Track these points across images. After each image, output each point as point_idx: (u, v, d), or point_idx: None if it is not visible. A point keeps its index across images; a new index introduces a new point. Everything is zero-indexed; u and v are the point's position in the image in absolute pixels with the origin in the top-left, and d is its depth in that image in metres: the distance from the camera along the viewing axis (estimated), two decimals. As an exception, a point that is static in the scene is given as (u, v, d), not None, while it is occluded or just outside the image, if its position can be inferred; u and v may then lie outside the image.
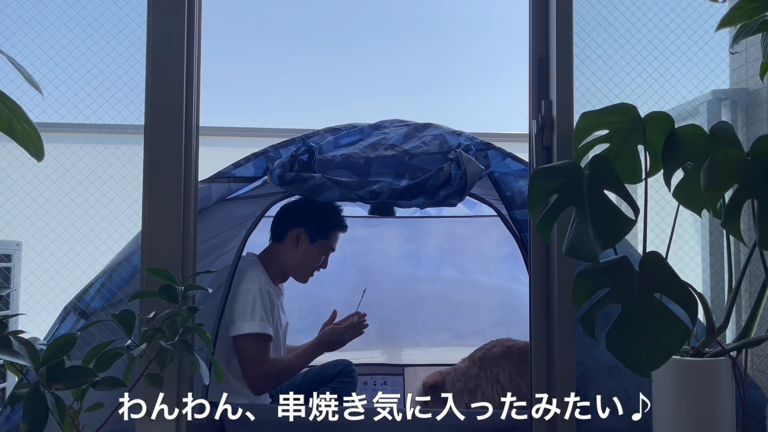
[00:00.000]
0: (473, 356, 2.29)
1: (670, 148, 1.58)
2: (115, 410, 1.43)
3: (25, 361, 1.19)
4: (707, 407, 1.50)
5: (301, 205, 2.37)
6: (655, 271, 1.40)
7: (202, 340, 1.48)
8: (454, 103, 3.49)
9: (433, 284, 3.13)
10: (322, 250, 2.38)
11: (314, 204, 2.30)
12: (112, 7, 1.86)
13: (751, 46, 2.06)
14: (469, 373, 2.25)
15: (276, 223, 2.41)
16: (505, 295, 3.08)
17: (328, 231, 2.38)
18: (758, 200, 1.39)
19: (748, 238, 1.63)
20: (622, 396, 1.81)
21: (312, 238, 2.35)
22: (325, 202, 2.26)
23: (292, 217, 2.37)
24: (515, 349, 2.25)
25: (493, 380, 2.22)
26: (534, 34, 1.82)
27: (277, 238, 2.39)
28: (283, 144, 2.18)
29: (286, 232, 2.36)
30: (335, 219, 2.39)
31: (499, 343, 2.30)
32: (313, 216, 2.35)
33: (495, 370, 2.23)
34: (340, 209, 2.42)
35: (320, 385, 2.43)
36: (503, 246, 3.04)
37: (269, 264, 2.36)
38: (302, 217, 2.36)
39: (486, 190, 2.27)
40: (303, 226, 2.34)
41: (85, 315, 1.83)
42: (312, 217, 2.35)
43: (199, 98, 1.77)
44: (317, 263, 2.40)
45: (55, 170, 1.89)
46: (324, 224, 2.37)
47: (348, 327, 2.32)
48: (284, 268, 2.39)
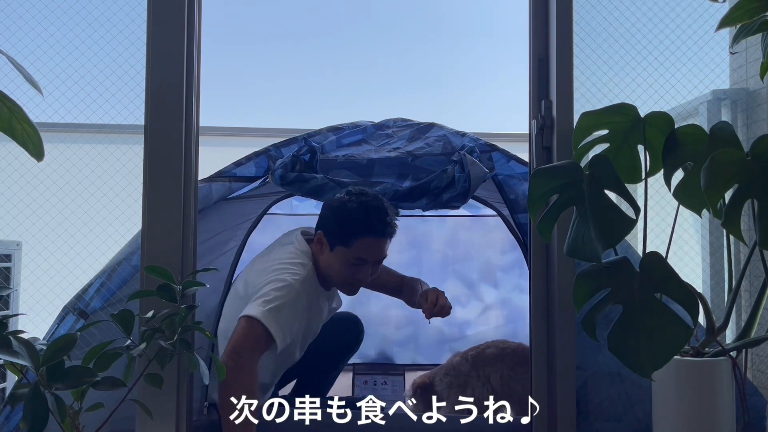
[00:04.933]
0: (467, 353, 2.27)
1: (670, 148, 1.58)
2: (115, 410, 1.43)
3: (25, 361, 1.19)
4: (707, 407, 1.49)
5: (328, 208, 2.03)
6: (656, 271, 1.40)
7: (206, 336, 1.48)
8: (454, 103, 3.49)
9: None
10: (345, 259, 1.98)
11: (339, 206, 1.98)
12: (112, 7, 1.86)
13: (751, 46, 2.06)
14: (460, 369, 2.24)
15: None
16: (511, 307, 3.03)
17: (349, 237, 1.96)
18: (758, 200, 1.39)
19: (748, 238, 1.63)
20: (625, 402, 1.82)
21: (331, 245, 1.99)
22: (357, 204, 1.95)
23: (321, 216, 2.05)
24: (509, 351, 2.24)
25: (484, 380, 2.20)
26: (534, 34, 1.82)
27: (312, 238, 2.08)
28: (285, 143, 2.17)
29: (315, 233, 2.05)
30: (363, 222, 1.94)
31: (493, 344, 2.28)
32: (333, 217, 1.99)
33: (487, 371, 2.21)
34: (378, 207, 1.96)
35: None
36: (508, 253, 3.00)
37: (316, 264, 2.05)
38: (324, 217, 2.03)
39: (490, 193, 2.27)
40: (324, 229, 2.01)
41: (85, 315, 1.83)
42: (333, 218, 1.99)
43: (199, 98, 1.77)
44: (346, 274, 2.00)
45: (55, 170, 1.89)
46: (344, 228, 1.96)
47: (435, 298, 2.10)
48: (321, 272, 2.04)
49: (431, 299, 2.10)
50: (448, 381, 2.23)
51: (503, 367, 2.20)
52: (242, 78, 3.44)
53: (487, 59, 3.47)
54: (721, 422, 1.49)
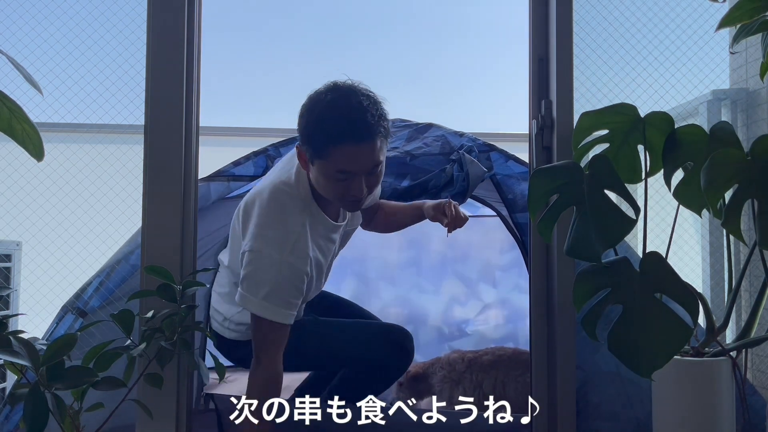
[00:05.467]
0: (465, 354, 2.31)
1: (670, 148, 1.58)
2: (115, 410, 1.43)
3: (25, 361, 1.19)
4: (707, 407, 1.49)
5: (302, 110, 1.65)
6: (656, 271, 1.40)
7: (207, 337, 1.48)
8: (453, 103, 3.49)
9: (435, 297, 3.05)
10: (328, 173, 1.61)
11: (310, 107, 1.62)
12: (112, 7, 1.86)
13: (751, 46, 2.06)
14: (455, 366, 2.27)
15: None
16: (510, 307, 3.03)
17: (322, 147, 1.58)
18: (758, 200, 1.39)
19: (748, 238, 1.63)
20: (624, 401, 1.82)
21: (311, 158, 1.63)
22: (324, 105, 1.59)
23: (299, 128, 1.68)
24: (505, 358, 2.27)
25: (477, 384, 2.24)
26: (534, 34, 1.82)
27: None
28: (284, 143, 2.17)
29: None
30: (333, 127, 1.57)
31: (490, 351, 2.32)
32: (303, 124, 1.63)
33: (481, 377, 2.24)
34: (349, 106, 1.57)
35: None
36: (506, 252, 3.00)
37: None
38: (299, 125, 1.66)
39: (488, 192, 2.27)
40: (300, 139, 1.66)
41: (83, 314, 1.83)
42: (303, 125, 1.63)
43: (199, 98, 1.77)
44: (335, 191, 1.64)
45: (55, 170, 1.89)
46: (313, 137, 1.59)
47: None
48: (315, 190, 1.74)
49: (449, 213, 1.87)
50: (442, 375, 2.27)
51: (497, 373, 2.24)
52: (242, 78, 3.44)
53: (487, 59, 3.47)
54: (721, 422, 1.49)
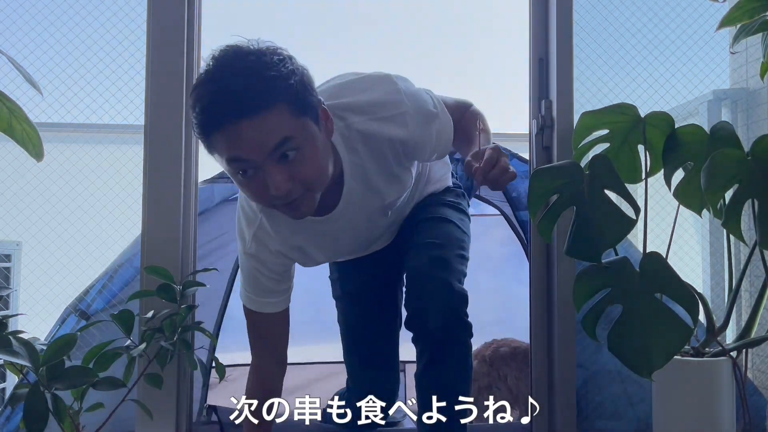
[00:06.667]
0: (482, 354, 2.26)
1: (671, 148, 1.58)
2: (115, 410, 1.43)
3: (25, 361, 1.19)
4: (707, 407, 1.49)
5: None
6: (656, 271, 1.40)
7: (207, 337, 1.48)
8: (454, 102, 3.48)
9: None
10: (229, 172, 1.23)
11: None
12: (112, 7, 1.86)
13: (751, 46, 2.06)
14: (480, 371, 2.23)
15: None
16: (507, 294, 3.04)
17: (205, 137, 1.18)
18: (758, 200, 1.39)
19: (748, 238, 1.63)
20: (625, 401, 1.82)
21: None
22: (198, 83, 1.16)
23: None
24: (520, 351, 2.24)
25: (503, 379, 2.20)
26: (534, 34, 1.82)
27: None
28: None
29: None
30: (204, 109, 1.14)
31: (504, 343, 2.27)
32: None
33: (504, 370, 2.20)
34: (220, 75, 1.13)
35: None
36: (507, 245, 3.01)
37: None
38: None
39: (491, 191, 2.27)
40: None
41: (86, 316, 1.83)
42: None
43: (199, 98, 1.76)
44: (248, 192, 1.24)
45: (55, 170, 1.89)
46: (196, 129, 1.19)
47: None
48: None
49: (487, 158, 1.30)
50: (476, 387, 2.22)
51: (517, 366, 2.20)
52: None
53: (487, 59, 3.47)
54: (722, 422, 1.49)
